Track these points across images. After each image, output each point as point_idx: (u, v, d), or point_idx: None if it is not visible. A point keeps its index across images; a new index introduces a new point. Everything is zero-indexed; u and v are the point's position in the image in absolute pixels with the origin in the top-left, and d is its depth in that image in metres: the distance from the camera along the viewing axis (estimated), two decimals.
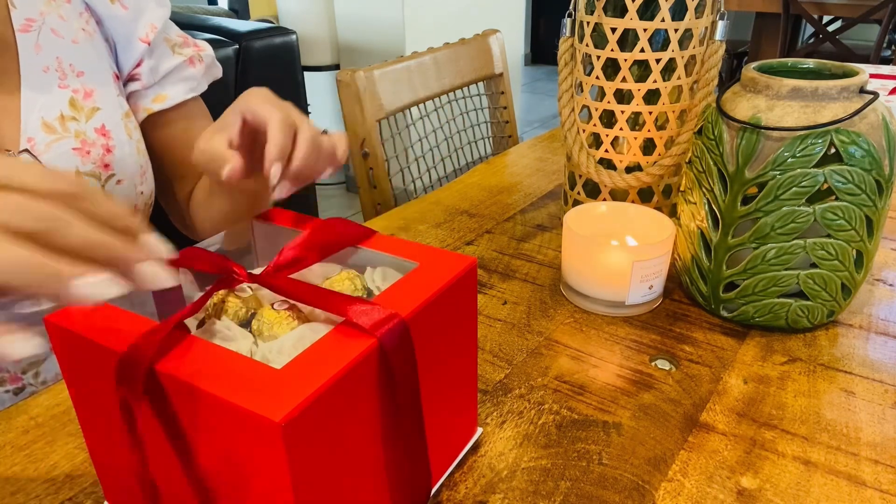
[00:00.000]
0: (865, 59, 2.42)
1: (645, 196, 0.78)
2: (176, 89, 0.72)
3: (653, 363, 0.60)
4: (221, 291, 0.42)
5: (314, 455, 0.33)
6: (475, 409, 0.50)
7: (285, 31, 1.71)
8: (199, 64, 0.74)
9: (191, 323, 0.43)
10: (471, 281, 0.43)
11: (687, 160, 0.69)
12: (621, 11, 0.70)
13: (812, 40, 2.82)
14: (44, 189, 0.28)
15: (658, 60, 0.71)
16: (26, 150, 0.61)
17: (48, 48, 0.64)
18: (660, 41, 0.71)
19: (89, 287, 0.28)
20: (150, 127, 0.73)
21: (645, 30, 0.70)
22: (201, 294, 0.44)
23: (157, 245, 0.30)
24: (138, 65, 0.70)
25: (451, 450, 0.48)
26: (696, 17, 0.70)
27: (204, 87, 0.76)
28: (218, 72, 0.78)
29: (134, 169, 0.68)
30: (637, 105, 0.73)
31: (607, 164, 0.78)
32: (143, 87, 0.71)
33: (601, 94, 0.75)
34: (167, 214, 0.81)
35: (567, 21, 0.78)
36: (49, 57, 0.64)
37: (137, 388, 0.33)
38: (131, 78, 0.71)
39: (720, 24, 0.72)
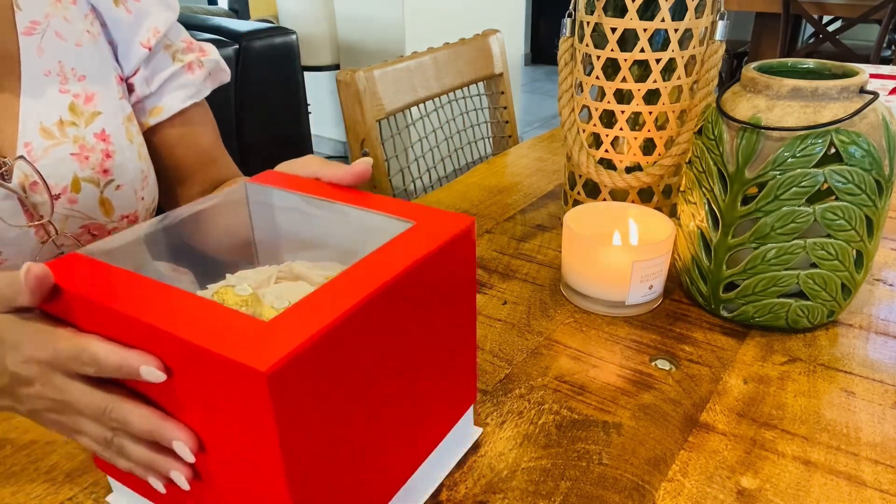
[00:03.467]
0: (865, 59, 2.42)
1: (645, 196, 0.78)
2: (172, 98, 0.71)
3: (653, 363, 0.60)
4: (221, 289, 0.42)
5: (304, 407, 0.32)
6: (474, 376, 0.50)
7: (285, 31, 1.71)
8: (199, 69, 0.73)
9: None
10: (468, 240, 0.43)
11: (687, 160, 0.69)
12: (621, 11, 0.70)
13: (812, 40, 2.83)
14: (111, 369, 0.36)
15: (658, 60, 0.71)
16: (21, 157, 0.60)
17: (50, 51, 0.63)
18: (660, 41, 0.71)
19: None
20: (151, 133, 0.72)
21: (645, 30, 0.70)
22: (202, 293, 0.44)
23: (184, 450, 0.36)
24: (136, 72, 0.70)
25: (448, 417, 0.47)
26: (696, 17, 0.70)
27: (205, 93, 0.74)
28: (225, 76, 0.77)
29: (135, 174, 0.68)
30: (637, 105, 0.73)
31: (607, 164, 0.78)
32: (138, 99, 0.70)
33: (601, 94, 0.75)
34: None
35: (567, 21, 0.78)
36: (51, 60, 0.63)
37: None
38: (128, 86, 0.70)
39: (720, 24, 0.72)
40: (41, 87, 0.63)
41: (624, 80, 0.73)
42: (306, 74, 2.71)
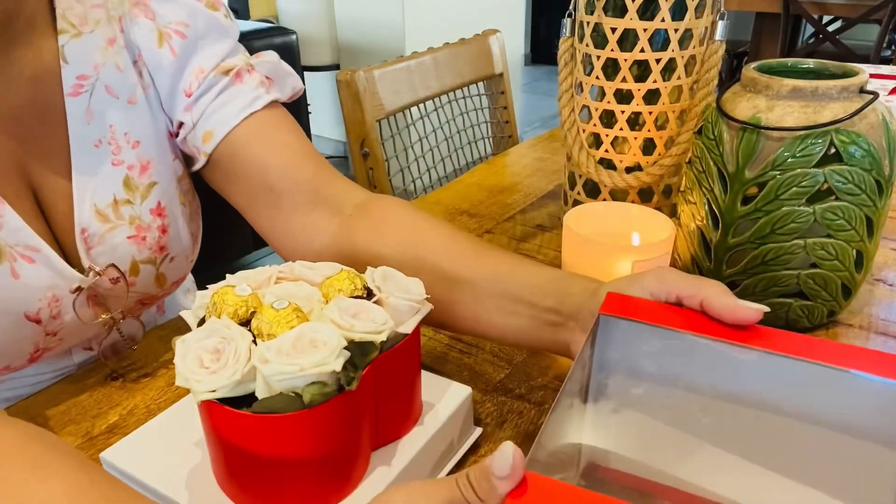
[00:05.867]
0: (865, 59, 2.42)
1: (645, 196, 0.78)
2: (221, 117, 0.59)
3: None
4: (221, 289, 0.42)
5: None
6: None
7: (285, 31, 1.71)
8: (250, 74, 0.61)
9: (191, 321, 0.43)
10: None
11: (687, 160, 0.69)
12: (621, 11, 0.70)
13: (812, 40, 2.83)
14: None
15: (658, 60, 0.71)
16: (113, 265, 0.56)
17: (100, 115, 0.57)
18: (660, 41, 0.71)
19: None
20: (214, 163, 0.61)
21: (645, 30, 0.70)
22: (202, 293, 0.44)
23: None
24: (180, 126, 0.61)
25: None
26: (696, 17, 0.70)
27: (266, 99, 0.60)
28: (296, 83, 0.64)
29: (187, 242, 0.63)
30: (637, 105, 0.73)
31: (607, 164, 0.78)
32: (189, 130, 0.60)
33: (601, 94, 0.75)
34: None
35: (567, 21, 0.78)
36: (101, 127, 0.57)
37: None
38: (179, 125, 0.61)
39: (720, 24, 0.72)
40: (93, 161, 0.57)
41: (624, 80, 0.73)
42: (306, 74, 2.71)
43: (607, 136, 0.76)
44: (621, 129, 0.75)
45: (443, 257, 0.53)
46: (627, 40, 0.71)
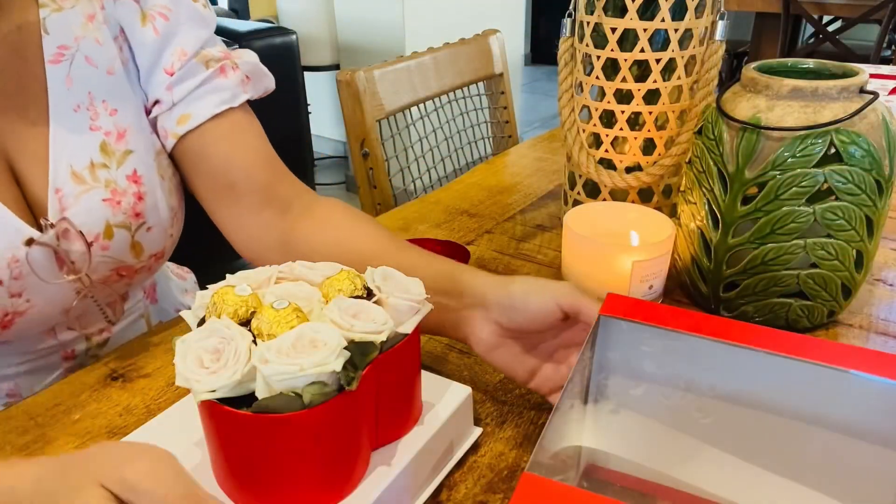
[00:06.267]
0: (865, 59, 2.41)
1: (645, 196, 0.78)
2: (202, 105, 0.62)
3: None
4: (221, 289, 0.42)
5: None
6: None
7: (285, 31, 1.71)
8: (234, 72, 0.64)
9: (191, 321, 0.43)
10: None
11: (687, 160, 0.69)
12: (621, 11, 0.70)
13: (812, 40, 2.82)
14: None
15: (658, 60, 0.71)
16: (65, 219, 0.57)
17: (80, 82, 0.59)
18: (660, 41, 0.71)
19: None
20: (182, 146, 0.64)
21: (645, 30, 0.70)
22: (202, 293, 0.44)
23: None
24: (156, 103, 0.64)
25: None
26: (696, 17, 0.70)
27: (243, 98, 0.64)
28: (269, 83, 0.68)
29: (165, 214, 0.64)
30: (637, 105, 0.73)
31: (607, 164, 0.78)
32: (166, 109, 0.63)
33: (601, 94, 0.75)
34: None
35: (567, 21, 0.78)
36: (80, 93, 0.59)
37: None
38: (155, 102, 0.64)
39: (720, 24, 0.72)
40: (70, 125, 0.59)
41: (624, 80, 0.72)
42: (306, 74, 2.71)
43: (607, 136, 0.76)
44: (621, 129, 0.75)
45: (367, 255, 0.59)
46: (627, 40, 0.71)
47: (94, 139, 0.60)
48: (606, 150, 0.77)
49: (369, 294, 0.44)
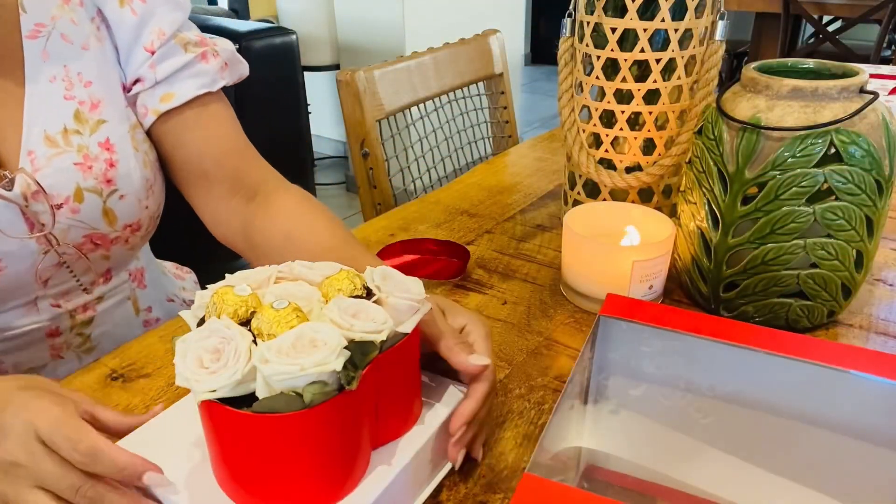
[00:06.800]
0: (865, 59, 2.41)
1: (645, 196, 0.78)
2: (185, 86, 0.66)
3: None
4: (221, 289, 0.42)
5: None
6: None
7: (285, 31, 1.71)
8: (214, 58, 0.68)
9: (191, 321, 0.43)
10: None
11: (687, 160, 0.69)
12: (621, 11, 0.70)
13: (812, 40, 2.82)
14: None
15: (658, 60, 0.71)
16: (22, 169, 0.59)
17: (56, 56, 0.62)
18: (660, 41, 0.71)
19: None
20: (162, 124, 0.67)
21: (645, 30, 0.70)
22: (202, 293, 0.44)
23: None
24: (136, 81, 0.66)
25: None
26: (696, 17, 0.70)
27: (221, 84, 0.68)
28: (243, 69, 0.72)
29: (139, 184, 0.66)
30: (637, 105, 0.73)
31: (607, 164, 0.78)
32: (148, 87, 0.66)
33: (601, 94, 0.75)
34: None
35: (567, 21, 0.78)
36: (56, 65, 0.62)
37: None
38: (136, 81, 0.67)
39: (720, 24, 0.72)
40: (46, 93, 0.61)
41: (624, 80, 0.72)
42: (306, 74, 2.71)
43: (607, 136, 0.76)
44: (621, 129, 0.75)
45: (311, 242, 0.63)
46: (627, 40, 0.71)
47: (68, 107, 0.62)
48: (606, 150, 0.77)
49: (369, 294, 0.44)
